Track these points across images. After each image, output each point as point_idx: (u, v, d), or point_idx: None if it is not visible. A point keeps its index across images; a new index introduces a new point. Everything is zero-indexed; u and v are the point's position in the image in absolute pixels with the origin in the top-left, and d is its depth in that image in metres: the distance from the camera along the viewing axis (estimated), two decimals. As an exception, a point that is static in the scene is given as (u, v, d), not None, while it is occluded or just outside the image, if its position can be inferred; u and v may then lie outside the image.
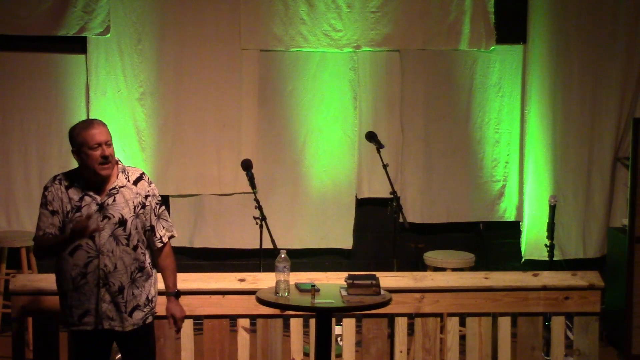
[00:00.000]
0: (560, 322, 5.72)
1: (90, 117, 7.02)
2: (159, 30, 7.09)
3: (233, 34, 7.15)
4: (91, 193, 4.33)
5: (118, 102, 7.11)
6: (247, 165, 6.45)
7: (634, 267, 6.50)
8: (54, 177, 4.42)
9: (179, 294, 4.60)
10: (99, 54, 7.06)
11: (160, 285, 4.64)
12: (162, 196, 7.18)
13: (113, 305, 4.34)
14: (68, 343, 5.19)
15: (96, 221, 4.26)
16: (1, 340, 6.57)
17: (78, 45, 7.07)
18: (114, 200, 4.35)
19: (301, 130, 7.28)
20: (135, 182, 4.44)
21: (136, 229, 4.39)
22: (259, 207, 6.25)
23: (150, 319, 4.49)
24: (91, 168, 4.29)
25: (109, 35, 7.04)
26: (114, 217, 4.33)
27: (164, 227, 4.53)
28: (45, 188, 4.38)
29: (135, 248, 4.38)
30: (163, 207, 4.56)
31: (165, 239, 4.53)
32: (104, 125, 4.38)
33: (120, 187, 4.38)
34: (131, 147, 7.13)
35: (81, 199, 4.32)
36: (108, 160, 4.29)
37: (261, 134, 7.26)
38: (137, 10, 7.06)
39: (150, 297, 4.49)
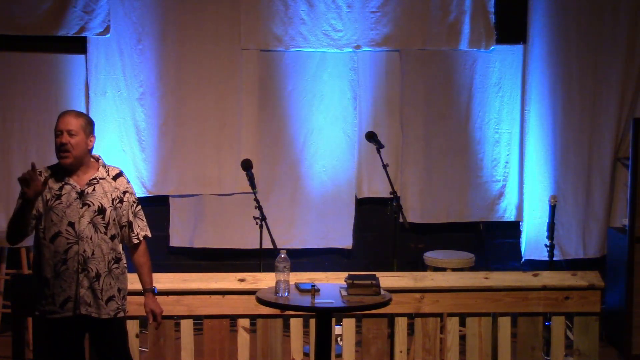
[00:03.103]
0: (560, 322, 5.72)
1: (90, 117, 7.03)
2: (159, 30, 7.10)
3: (233, 34, 7.16)
4: (71, 182, 4.45)
5: (118, 102, 7.11)
6: (247, 165, 6.46)
7: (634, 267, 6.50)
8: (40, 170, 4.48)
9: (155, 290, 4.69)
10: (99, 54, 7.06)
11: (137, 286, 4.70)
12: (162, 196, 7.27)
13: (90, 292, 4.43)
14: (34, 332, 5.18)
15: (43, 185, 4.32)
16: (1, 340, 6.57)
17: (78, 45, 7.07)
18: (94, 189, 4.47)
19: (301, 130, 7.28)
20: (115, 178, 4.57)
21: (114, 220, 4.51)
22: (259, 207, 6.26)
23: (121, 314, 4.56)
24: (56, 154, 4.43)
25: (109, 35, 7.04)
26: (93, 204, 4.45)
27: (139, 226, 4.63)
28: None
29: (112, 238, 4.50)
30: (140, 207, 4.67)
31: (141, 236, 4.63)
32: (75, 116, 4.48)
33: (100, 178, 4.51)
34: (131, 147, 7.14)
35: (61, 188, 4.43)
36: (65, 148, 4.40)
37: (261, 134, 7.25)
38: (137, 10, 7.06)
39: (123, 292, 4.58)
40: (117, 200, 4.52)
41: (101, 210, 4.45)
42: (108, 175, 4.54)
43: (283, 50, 7.22)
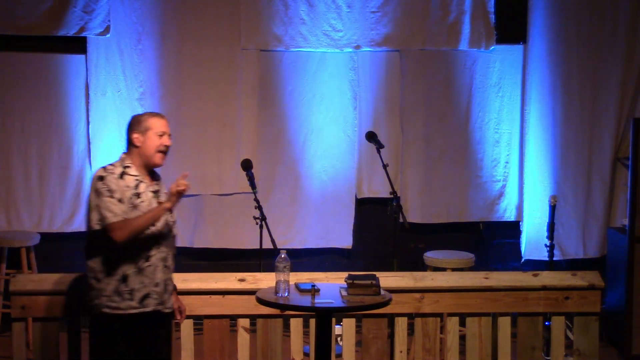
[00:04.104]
0: (560, 322, 5.72)
1: (90, 117, 7.06)
2: (159, 30, 7.10)
3: (233, 34, 7.16)
4: (146, 180, 4.54)
5: (118, 102, 7.11)
6: (247, 165, 6.46)
7: (634, 267, 6.51)
8: (104, 168, 4.51)
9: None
10: (99, 54, 7.06)
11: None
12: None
13: (164, 287, 4.55)
14: (91, 331, 5.14)
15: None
16: (1, 340, 6.57)
17: (78, 45, 7.07)
18: (160, 190, 4.61)
19: (301, 130, 7.29)
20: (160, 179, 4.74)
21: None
22: (259, 207, 6.26)
23: None
24: (148, 153, 4.53)
25: (109, 35, 7.04)
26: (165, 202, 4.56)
27: None
28: (101, 178, 4.45)
29: (174, 236, 4.65)
30: None
31: None
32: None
33: (159, 179, 4.66)
34: (131, 147, 7.13)
35: (137, 186, 4.48)
36: (167, 150, 4.55)
37: (261, 134, 7.26)
38: (137, 10, 7.06)
39: None
40: None
41: (171, 209, 4.56)
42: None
43: (283, 50, 7.22)
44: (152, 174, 4.62)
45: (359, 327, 5.64)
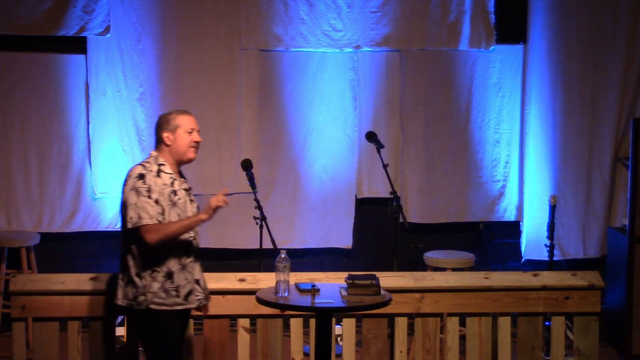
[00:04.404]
0: (560, 322, 5.72)
1: (90, 117, 7.05)
2: (159, 30, 7.10)
3: (233, 34, 7.16)
4: (178, 178, 4.61)
5: (118, 102, 7.11)
6: (247, 165, 6.46)
7: (634, 267, 6.51)
8: (142, 166, 4.55)
9: None
10: (99, 54, 7.06)
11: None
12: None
13: (204, 283, 4.70)
14: (130, 327, 5.12)
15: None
16: (1, 340, 6.58)
17: (78, 45, 7.07)
18: (190, 188, 4.69)
19: (301, 130, 7.29)
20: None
21: None
22: (259, 207, 6.26)
23: None
24: (180, 150, 4.59)
25: (109, 35, 7.04)
26: (194, 201, 4.69)
27: None
28: (141, 176, 4.50)
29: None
30: None
31: None
32: None
33: (185, 178, 4.72)
34: (131, 147, 7.13)
35: (172, 184, 4.55)
36: (198, 145, 4.62)
37: (261, 134, 7.26)
38: (137, 10, 7.06)
39: None
40: None
41: (199, 207, 4.66)
42: None
43: (283, 50, 7.22)
44: (180, 172, 4.68)
45: (359, 327, 5.64)
